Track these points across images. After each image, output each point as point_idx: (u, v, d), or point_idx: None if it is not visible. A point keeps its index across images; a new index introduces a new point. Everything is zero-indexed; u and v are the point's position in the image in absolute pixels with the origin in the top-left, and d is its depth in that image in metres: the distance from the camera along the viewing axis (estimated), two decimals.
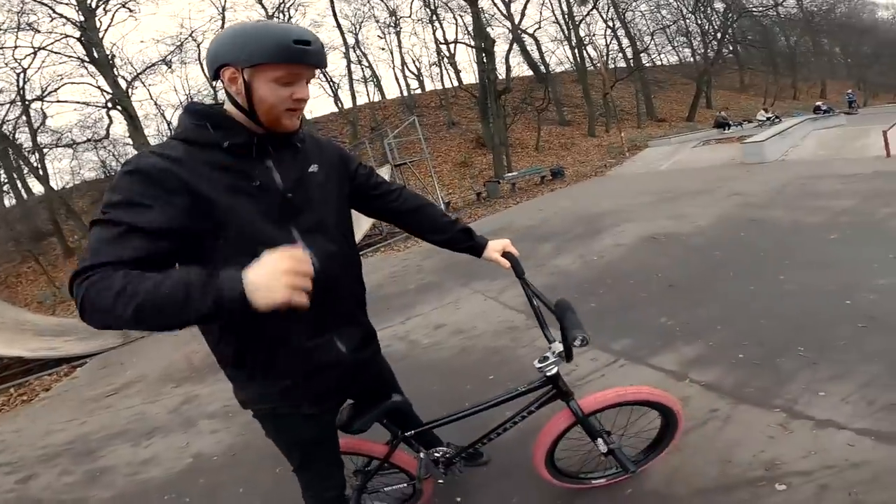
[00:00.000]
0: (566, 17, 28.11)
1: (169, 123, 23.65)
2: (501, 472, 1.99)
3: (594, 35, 29.87)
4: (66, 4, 16.46)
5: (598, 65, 25.84)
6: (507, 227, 8.19)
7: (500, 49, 22.70)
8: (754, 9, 28.56)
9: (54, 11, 16.12)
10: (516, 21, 24.74)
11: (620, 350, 2.92)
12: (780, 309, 2.94)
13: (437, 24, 27.53)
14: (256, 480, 2.42)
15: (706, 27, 30.36)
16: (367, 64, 27.70)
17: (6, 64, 17.65)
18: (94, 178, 21.57)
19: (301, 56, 0.96)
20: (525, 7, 25.08)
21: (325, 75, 25.73)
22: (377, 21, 27.42)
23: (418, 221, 1.38)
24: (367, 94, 29.83)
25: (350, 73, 26.28)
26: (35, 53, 16.65)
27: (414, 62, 35.89)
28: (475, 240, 1.41)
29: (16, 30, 16.39)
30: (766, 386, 2.21)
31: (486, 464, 2.06)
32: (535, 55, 28.40)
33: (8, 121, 18.23)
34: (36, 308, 13.81)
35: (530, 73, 28.32)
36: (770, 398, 2.11)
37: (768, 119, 15.37)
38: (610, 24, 29.44)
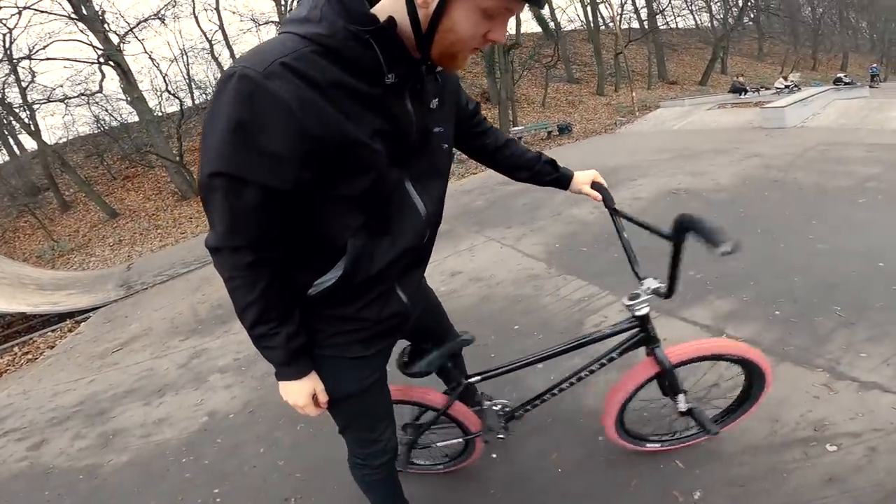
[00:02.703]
0: None
1: (165, 76, 22.88)
2: (535, 429, 1.94)
3: None
4: None
5: (612, 24, 24.86)
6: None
7: None
8: None
9: None
10: None
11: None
12: (811, 268, 2.86)
13: None
14: (277, 439, 2.36)
15: None
16: None
17: None
18: (87, 133, 21.23)
19: None
20: None
21: None
22: None
23: (507, 157, 1.29)
24: None
25: None
26: (20, 13, 15.91)
27: None
28: (561, 171, 1.34)
29: None
30: (806, 345, 2.15)
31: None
32: (545, 12, 27.61)
33: None
34: (35, 262, 13.63)
35: (539, 30, 27.56)
36: (811, 357, 2.06)
37: (787, 87, 14.89)
38: None
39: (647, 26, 27.15)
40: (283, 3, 21.72)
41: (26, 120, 18.71)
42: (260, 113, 0.69)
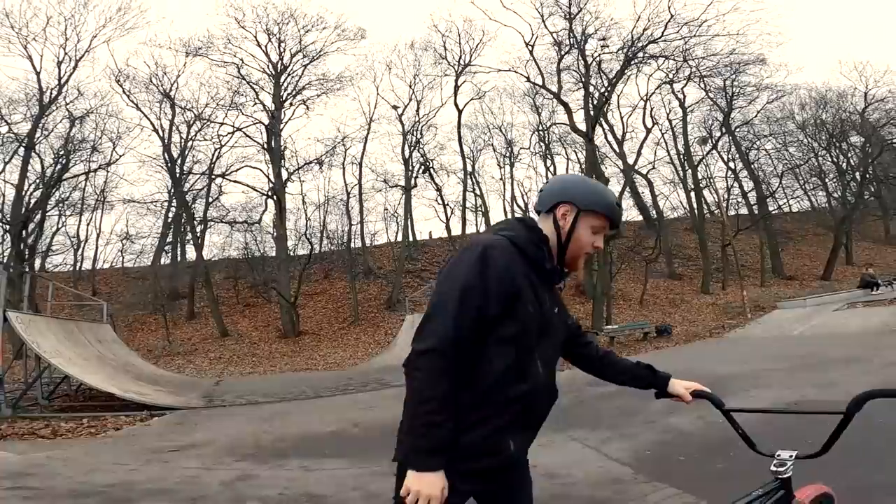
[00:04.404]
0: (682, 157, 26.31)
1: (308, 219, 24.94)
2: None
3: (713, 177, 26.91)
4: (267, 92, 20.44)
5: (717, 211, 23.45)
6: (605, 382, 7.57)
7: (611, 189, 22.42)
8: None
9: (258, 97, 20.22)
10: (630, 161, 24.22)
11: None
12: None
13: (549, 158, 27.51)
14: None
15: (843, 165, 26.22)
16: (478, 193, 27.96)
17: (210, 139, 21.40)
18: (233, 256, 23.91)
19: (616, 216, 1.26)
20: (641, 146, 24.47)
21: (441, 200, 27.21)
22: (494, 150, 28.33)
23: (607, 365, 1.53)
24: (476, 224, 28.54)
25: (464, 199, 27.05)
26: (233, 133, 20.25)
27: (523, 196, 30.28)
28: (658, 375, 1.52)
29: (227, 108, 20.32)
30: None
31: None
32: (647, 198, 27.13)
33: (194, 190, 21.59)
34: (144, 354, 15.14)
35: (640, 217, 27.16)
36: None
37: None
38: (731, 165, 26.60)
39: (757, 212, 25.25)
40: (411, 168, 25.09)
41: (198, 232, 22.01)
42: (487, 262, 1.12)
